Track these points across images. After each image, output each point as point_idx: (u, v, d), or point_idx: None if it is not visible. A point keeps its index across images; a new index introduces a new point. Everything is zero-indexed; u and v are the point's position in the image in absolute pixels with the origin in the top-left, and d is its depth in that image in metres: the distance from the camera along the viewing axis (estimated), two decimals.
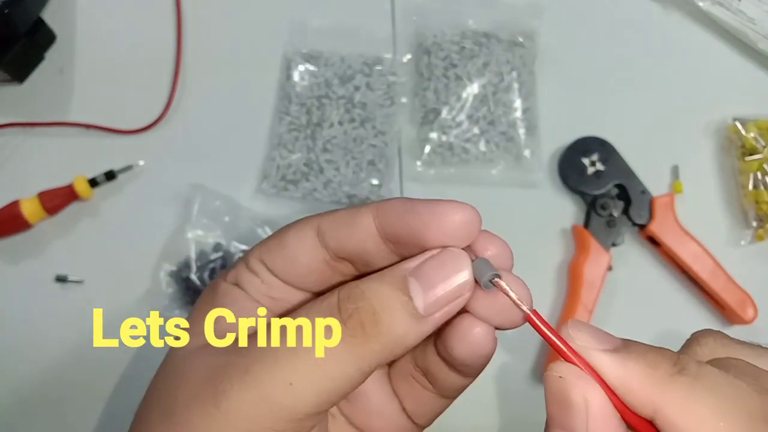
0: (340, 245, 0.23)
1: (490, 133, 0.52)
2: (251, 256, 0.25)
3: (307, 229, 0.24)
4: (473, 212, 0.23)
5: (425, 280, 0.21)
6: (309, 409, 0.20)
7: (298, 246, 0.24)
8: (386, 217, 0.23)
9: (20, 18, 0.50)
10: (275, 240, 0.24)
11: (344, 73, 0.53)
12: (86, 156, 0.52)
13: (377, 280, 0.22)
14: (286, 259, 0.24)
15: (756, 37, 0.55)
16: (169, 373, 0.23)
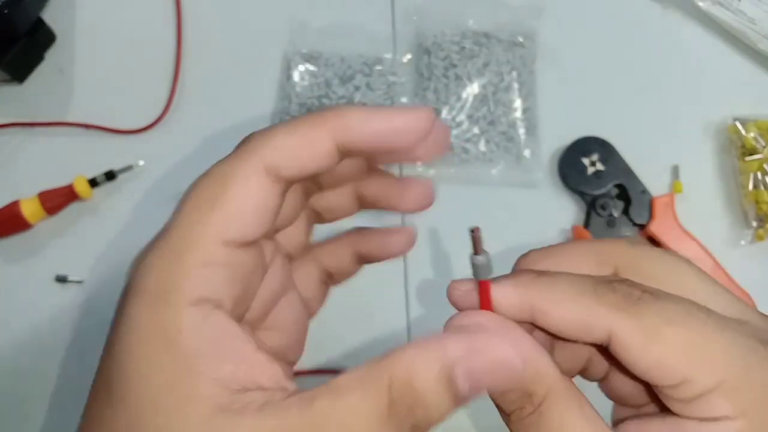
0: (299, 175, 0.22)
1: (490, 133, 0.52)
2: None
3: (253, 173, 0.21)
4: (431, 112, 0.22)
5: (476, 379, 0.20)
6: None
7: (247, 198, 0.21)
8: (348, 134, 0.21)
9: (20, 18, 0.50)
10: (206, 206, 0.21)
11: (344, 73, 0.53)
12: (86, 156, 0.52)
13: (429, 374, 0.19)
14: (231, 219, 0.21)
15: (756, 37, 0.55)
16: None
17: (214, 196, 0.21)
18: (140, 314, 0.20)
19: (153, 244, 0.21)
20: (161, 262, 0.20)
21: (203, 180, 0.22)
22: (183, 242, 0.20)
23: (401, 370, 0.19)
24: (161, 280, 0.20)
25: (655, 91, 0.55)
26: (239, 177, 0.21)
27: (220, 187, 0.21)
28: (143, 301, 0.20)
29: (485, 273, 0.23)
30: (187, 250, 0.20)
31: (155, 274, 0.20)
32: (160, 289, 0.20)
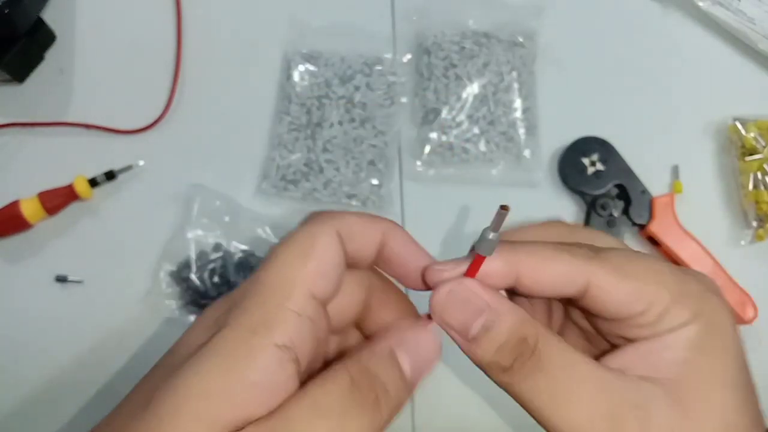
0: (358, 252, 0.25)
1: (490, 133, 0.52)
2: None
3: (333, 236, 0.24)
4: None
5: (415, 362, 0.24)
6: None
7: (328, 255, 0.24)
8: (393, 242, 0.26)
9: (20, 18, 0.50)
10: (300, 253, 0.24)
11: (344, 73, 0.53)
12: (86, 156, 0.52)
13: (380, 357, 0.24)
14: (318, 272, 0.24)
15: (756, 37, 0.55)
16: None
17: (304, 252, 0.23)
18: (227, 339, 0.21)
19: (245, 288, 0.23)
20: (256, 304, 0.22)
21: (292, 237, 0.24)
22: (279, 290, 0.22)
23: (351, 361, 0.23)
24: (255, 317, 0.22)
25: (655, 91, 0.55)
26: (325, 237, 0.24)
27: (309, 245, 0.23)
28: (234, 332, 0.22)
29: (487, 250, 0.24)
30: (283, 297, 0.22)
31: (250, 312, 0.22)
32: (254, 324, 0.21)
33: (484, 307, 0.24)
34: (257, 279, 0.23)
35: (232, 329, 0.22)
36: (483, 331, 0.24)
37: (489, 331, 0.24)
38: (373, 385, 0.22)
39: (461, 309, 0.25)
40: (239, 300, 0.22)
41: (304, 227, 0.24)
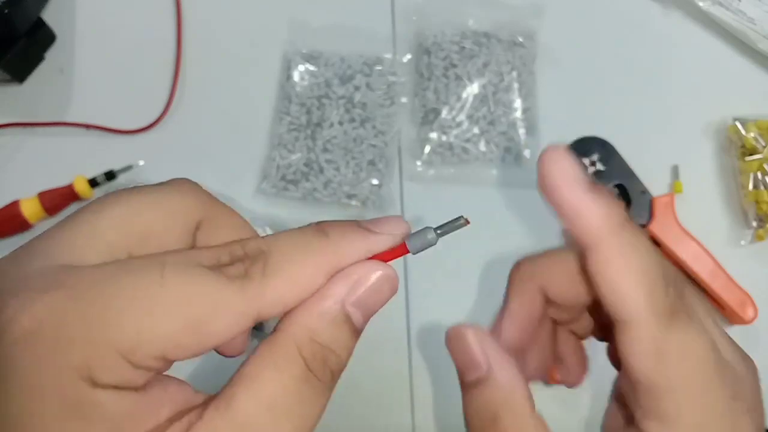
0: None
1: (490, 133, 0.52)
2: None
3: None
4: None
5: (367, 310, 0.22)
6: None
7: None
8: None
9: (20, 18, 0.50)
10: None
11: (344, 73, 0.53)
12: (86, 156, 0.52)
13: (331, 323, 0.21)
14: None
15: (756, 37, 0.55)
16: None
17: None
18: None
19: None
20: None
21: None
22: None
23: (302, 333, 0.20)
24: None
25: (655, 91, 0.55)
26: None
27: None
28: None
29: (416, 247, 0.22)
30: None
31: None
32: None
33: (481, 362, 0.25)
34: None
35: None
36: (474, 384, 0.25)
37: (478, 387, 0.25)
38: (328, 362, 0.21)
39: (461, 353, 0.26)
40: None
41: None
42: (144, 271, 0.18)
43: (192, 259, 0.19)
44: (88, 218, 0.20)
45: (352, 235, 0.21)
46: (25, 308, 0.18)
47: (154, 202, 0.21)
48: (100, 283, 0.18)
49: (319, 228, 0.21)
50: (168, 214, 0.21)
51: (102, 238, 0.19)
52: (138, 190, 0.21)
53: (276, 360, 0.20)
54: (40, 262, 0.19)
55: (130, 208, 0.20)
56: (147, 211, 0.20)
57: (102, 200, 0.20)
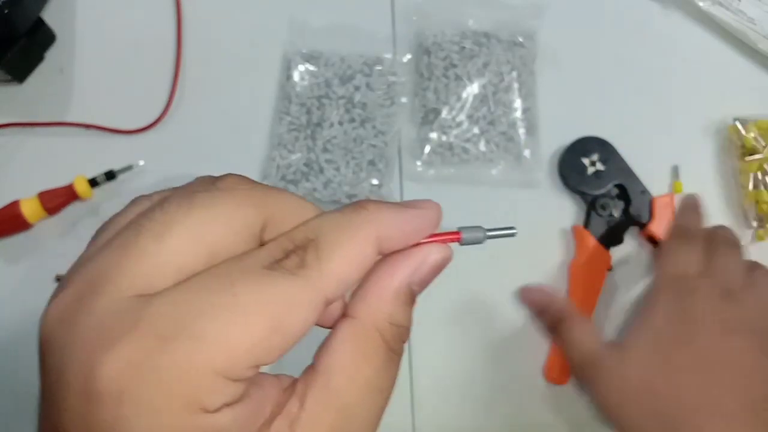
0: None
1: (490, 133, 0.52)
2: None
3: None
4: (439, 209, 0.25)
5: (424, 286, 0.24)
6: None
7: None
8: (386, 245, 0.23)
9: (20, 18, 0.50)
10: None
11: (344, 73, 0.53)
12: (86, 156, 0.52)
13: (400, 302, 0.23)
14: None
15: (756, 37, 0.55)
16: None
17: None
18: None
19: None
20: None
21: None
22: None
23: (382, 319, 0.22)
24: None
25: (655, 91, 0.55)
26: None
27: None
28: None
29: (469, 238, 0.25)
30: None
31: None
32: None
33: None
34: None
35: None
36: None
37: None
38: (403, 336, 0.23)
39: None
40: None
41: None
42: (214, 287, 0.19)
43: (252, 262, 0.20)
44: (150, 245, 0.19)
45: (388, 207, 0.23)
46: (116, 359, 0.17)
47: (215, 218, 0.20)
48: (178, 310, 0.18)
49: (357, 204, 0.22)
50: (232, 227, 0.20)
51: (169, 265, 0.19)
52: (194, 204, 0.20)
53: (364, 347, 0.22)
54: (107, 298, 0.18)
55: (193, 229, 0.20)
56: (210, 230, 0.20)
57: (159, 220, 0.20)
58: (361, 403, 0.21)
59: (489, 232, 0.25)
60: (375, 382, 0.21)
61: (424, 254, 0.23)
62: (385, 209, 0.22)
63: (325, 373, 0.21)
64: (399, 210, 0.23)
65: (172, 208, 0.20)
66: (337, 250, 0.20)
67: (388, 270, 0.23)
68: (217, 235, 0.20)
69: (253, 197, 0.21)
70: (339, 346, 0.21)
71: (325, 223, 0.21)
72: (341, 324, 0.22)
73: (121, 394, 0.17)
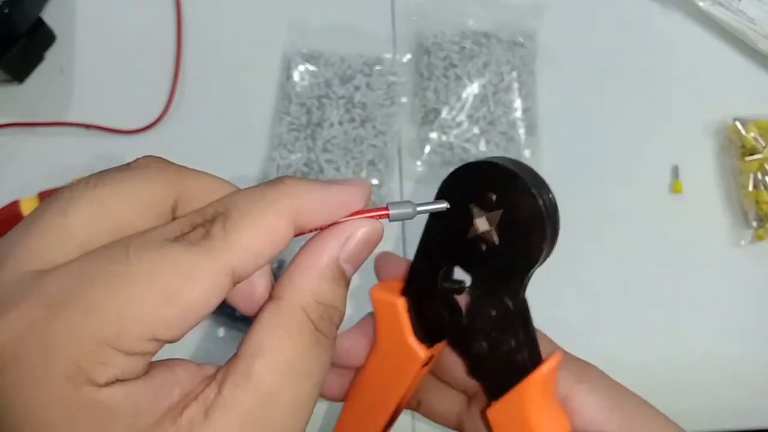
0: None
1: (490, 133, 0.52)
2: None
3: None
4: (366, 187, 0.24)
5: (356, 263, 0.23)
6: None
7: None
8: (305, 221, 0.22)
9: (20, 18, 0.50)
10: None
11: (344, 73, 0.53)
12: (86, 156, 0.52)
13: (331, 280, 0.22)
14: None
15: (756, 37, 0.55)
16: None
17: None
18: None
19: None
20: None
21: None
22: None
23: (307, 297, 0.21)
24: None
25: (655, 91, 0.55)
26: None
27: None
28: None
29: (398, 213, 0.24)
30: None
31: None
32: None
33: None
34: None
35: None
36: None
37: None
38: (333, 318, 0.22)
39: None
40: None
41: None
42: (109, 257, 0.18)
43: (154, 235, 0.19)
44: (53, 220, 0.19)
45: (307, 182, 0.21)
46: (1, 329, 0.17)
47: (121, 193, 0.20)
48: (70, 280, 0.18)
49: (275, 179, 0.21)
50: (138, 203, 0.20)
51: (71, 239, 0.19)
52: (102, 181, 0.20)
53: (287, 327, 0.20)
54: (7, 272, 0.18)
55: (98, 203, 0.19)
56: (115, 205, 0.19)
57: (65, 196, 0.19)
58: (284, 389, 0.20)
59: (419, 206, 0.24)
60: (300, 366, 0.20)
61: (350, 229, 0.22)
62: (304, 183, 0.21)
63: (245, 358, 0.20)
64: (320, 185, 0.22)
65: (80, 186, 0.20)
66: (246, 221, 0.20)
67: (313, 247, 0.22)
68: (123, 211, 0.19)
69: (164, 174, 0.21)
70: (260, 328, 0.20)
71: (237, 197, 0.21)
72: (265, 306, 0.21)
73: (3, 365, 0.17)
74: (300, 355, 0.20)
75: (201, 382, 0.19)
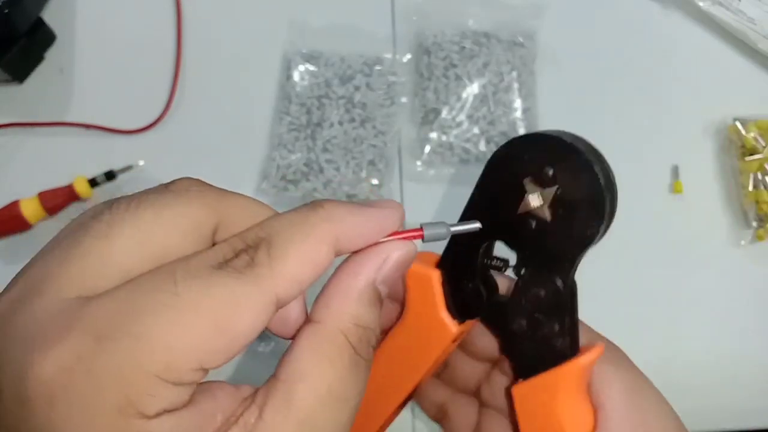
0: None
1: (490, 133, 0.52)
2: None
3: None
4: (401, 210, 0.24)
5: (390, 284, 0.23)
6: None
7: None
8: (344, 245, 0.22)
9: (20, 18, 0.50)
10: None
11: (344, 73, 0.53)
12: (86, 156, 0.52)
13: (366, 303, 0.22)
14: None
15: (756, 37, 0.55)
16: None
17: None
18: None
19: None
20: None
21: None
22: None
23: (346, 321, 0.21)
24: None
25: (655, 91, 0.55)
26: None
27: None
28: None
29: (432, 237, 0.24)
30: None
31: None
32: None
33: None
34: None
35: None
36: None
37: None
38: (370, 341, 0.22)
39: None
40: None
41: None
42: (156, 286, 0.18)
43: (199, 262, 0.19)
44: (95, 245, 0.18)
45: (346, 206, 0.21)
46: (50, 361, 0.17)
47: (163, 217, 0.19)
48: (117, 309, 0.17)
49: (313, 203, 0.21)
50: (180, 227, 0.20)
51: (114, 265, 0.18)
52: (143, 204, 0.19)
53: (327, 352, 0.20)
54: (47, 300, 0.18)
55: (140, 228, 0.19)
56: (158, 229, 0.19)
57: (105, 219, 0.19)
58: (323, 414, 0.20)
59: (452, 227, 0.24)
60: (339, 391, 0.20)
61: (386, 251, 0.22)
62: (343, 207, 0.21)
63: (285, 382, 0.20)
64: (357, 208, 0.22)
65: (121, 209, 0.19)
66: (290, 248, 0.19)
67: (350, 270, 0.22)
68: (166, 236, 0.19)
69: (204, 198, 0.21)
70: (300, 353, 0.20)
71: (278, 222, 0.20)
72: (303, 330, 0.21)
73: (52, 398, 0.17)
74: (340, 380, 0.20)
75: (240, 404, 0.19)
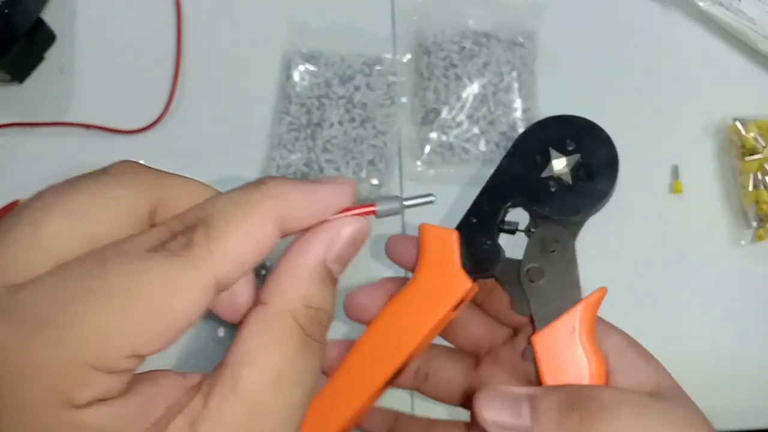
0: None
1: (490, 133, 0.52)
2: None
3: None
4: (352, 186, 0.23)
5: (343, 262, 0.22)
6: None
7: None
8: (290, 223, 0.21)
9: (20, 18, 0.50)
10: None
11: (344, 73, 0.53)
12: (86, 156, 0.52)
13: (318, 283, 0.21)
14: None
15: (756, 37, 0.55)
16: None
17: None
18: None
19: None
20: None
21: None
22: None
23: (295, 301, 0.20)
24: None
25: (655, 91, 0.55)
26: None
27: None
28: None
29: (384, 213, 0.24)
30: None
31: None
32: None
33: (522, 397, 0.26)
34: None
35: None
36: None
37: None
38: (322, 321, 0.21)
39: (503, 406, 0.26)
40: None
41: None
42: (86, 271, 0.17)
43: (132, 245, 0.18)
44: (25, 231, 0.18)
45: (291, 182, 0.21)
46: None
47: (95, 201, 0.19)
48: (46, 297, 0.17)
49: (257, 181, 0.21)
50: (113, 211, 0.19)
51: (44, 251, 0.18)
52: (74, 189, 0.19)
53: (275, 333, 0.19)
54: None
55: (71, 212, 0.18)
56: (90, 214, 0.18)
57: (35, 206, 0.18)
58: (273, 398, 0.19)
59: (406, 201, 0.24)
60: (290, 374, 0.19)
61: (336, 228, 0.21)
62: (288, 184, 0.20)
63: (232, 366, 0.19)
64: (304, 185, 0.21)
65: (51, 194, 0.19)
66: (230, 227, 0.19)
67: (299, 249, 0.21)
68: (99, 221, 0.18)
69: (141, 180, 0.20)
70: (248, 336, 0.19)
71: (219, 201, 0.20)
72: (251, 313, 0.20)
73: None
74: (289, 361, 0.19)
75: (186, 393, 0.19)
